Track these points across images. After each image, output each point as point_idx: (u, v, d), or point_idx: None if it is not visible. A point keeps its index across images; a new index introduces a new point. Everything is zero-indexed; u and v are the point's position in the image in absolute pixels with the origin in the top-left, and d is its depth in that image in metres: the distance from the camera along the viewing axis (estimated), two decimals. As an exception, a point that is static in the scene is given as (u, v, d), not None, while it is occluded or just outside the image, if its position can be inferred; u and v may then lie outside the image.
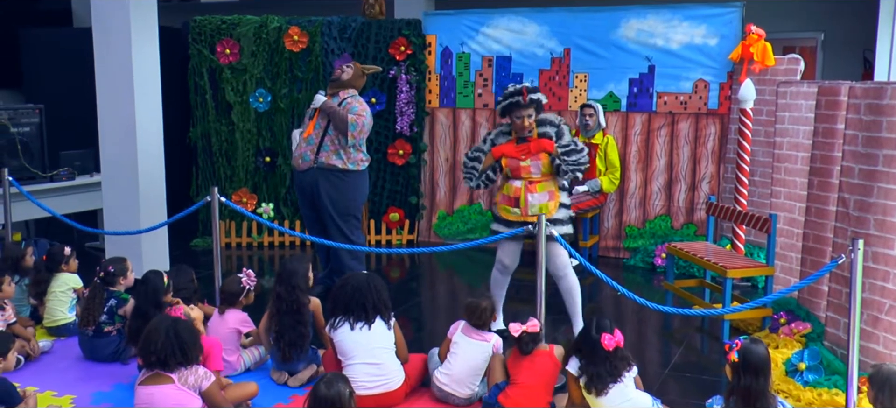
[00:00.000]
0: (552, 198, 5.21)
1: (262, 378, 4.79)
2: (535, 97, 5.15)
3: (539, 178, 5.20)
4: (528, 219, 5.14)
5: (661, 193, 7.79)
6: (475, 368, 4.40)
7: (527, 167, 5.19)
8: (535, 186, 5.19)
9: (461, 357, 4.41)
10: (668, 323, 6.00)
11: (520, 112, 5.12)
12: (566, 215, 5.30)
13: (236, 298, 4.97)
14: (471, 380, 4.39)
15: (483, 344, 4.42)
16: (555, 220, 5.19)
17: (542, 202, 5.18)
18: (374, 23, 8.35)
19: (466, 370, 4.39)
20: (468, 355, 4.41)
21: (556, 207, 5.22)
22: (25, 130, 7.29)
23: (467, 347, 4.43)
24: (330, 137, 6.14)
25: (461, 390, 4.39)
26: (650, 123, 7.75)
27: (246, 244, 8.45)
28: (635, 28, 7.71)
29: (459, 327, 4.52)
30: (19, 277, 5.73)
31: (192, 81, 8.44)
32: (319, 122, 6.17)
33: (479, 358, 4.40)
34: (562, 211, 5.26)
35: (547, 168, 5.18)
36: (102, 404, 4.55)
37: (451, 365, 4.43)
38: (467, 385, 4.39)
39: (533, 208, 5.17)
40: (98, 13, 6.64)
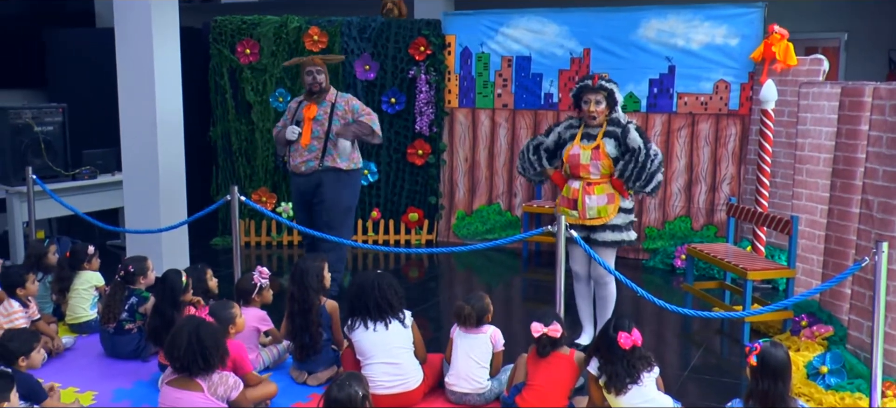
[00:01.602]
0: (611, 201, 4.99)
1: (282, 377, 4.81)
2: (607, 86, 4.98)
3: (598, 179, 4.99)
4: (586, 222, 5.00)
5: (681, 194, 7.75)
6: (474, 359, 4.41)
7: (586, 166, 4.99)
8: (594, 188, 4.98)
9: (462, 354, 4.44)
10: (687, 325, 5.97)
11: (588, 95, 4.96)
12: (626, 220, 5.06)
13: (249, 295, 4.98)
14: (474, 373, 4.40)
15: (479, 336, 4.45)
16: (613, 225, 5.02)
17: (601, 205, 4.98)
18: (394, 23, 8.36)
19: (469, 364, 4.41)
20: (466, 349, 4.43)
21: (614, 211, 5.00)
22: (49, 129, 7.35)
23: (464, 342, 4.45)
24: (332, 142, 6.18)
25: (467, 385, 4.41)
26: (670, 124, 7.71)
27: (265, 243, 8.48)
28: (656, 28, 7.67)
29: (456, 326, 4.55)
30: (42, 275, 5.78)
31: (213, 81, 8.48)
32: (317, 129, 6.19)
33: (476, 350, 4.42)
34: (621, 216, 5.03)
35: (607, 169, 4.97)
36: (123, 400, 4.58)
37: (455, 364, 4.46)
38: (472, 379, 4.40)
39: (591, 212, 4.99)
40: (120, 14, 6.69)
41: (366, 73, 8.31)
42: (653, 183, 4.91)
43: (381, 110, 8.31)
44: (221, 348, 3.97)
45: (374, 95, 8.36)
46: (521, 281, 7.46)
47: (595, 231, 5.03)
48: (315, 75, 6.22)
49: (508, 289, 7.23)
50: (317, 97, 6.25)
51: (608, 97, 4.98)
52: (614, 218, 5.01)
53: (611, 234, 5.01)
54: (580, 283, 5.37)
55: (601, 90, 4.96)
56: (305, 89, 6.30)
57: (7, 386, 3.68)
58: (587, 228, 5.02)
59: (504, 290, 7.17)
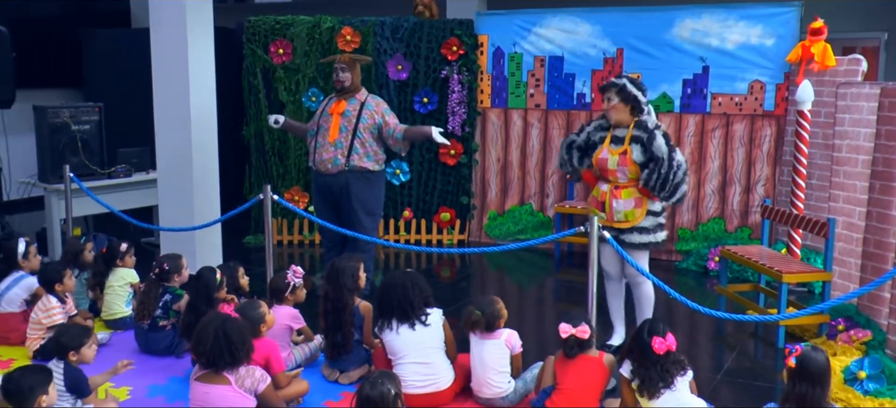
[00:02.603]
0: (639, 205, 4.95)
1: (314, 375, 4.83)
2: (617, 82, 4.91)
3: (625, 183, 4.97)
4: (614, 224, 4.98)
5: (715, 195, 7.68)
6: (491, 365, 4.37)
7: (613, 171, 4.97)
8: (621, 192, 4.96)
9: (478, 359, 4.42)
10: (721, 328, 5.92)
11: (602, 95, 4.97)
12: (654, 223, 5.00)
13: (283, 294, 5.01)
14: (491, 378, 4.37)
15: (493, 341, 4.40)
16: (641, 228, 4.97)
17: (628, 209, 4.95)
18: (426, 23, 8.37)
19: (485, 369, 4.38)
20: (481, 354, 4.40)
21: (642, 215, 4.95)
22: (85, 127, 7.44)
23: (478, 347, 4.42)
24: (360, 140, 6.18)
25: (487, 390, 4.39)
26: (704, 125, 7.64)
27: (297, 242, 8.53)
28: (690, 28, 7.61)
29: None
30: (79, 271, 5.85)
31: (246, 81, 8.54)
32: (345, 125, 6.20)
33: (493, 356, 4.38)
34: (649, 218, 4.97)
35: (634, 174, 4.92)
36: (157, 396, 4.62)
37: (473, 370, 4.45)
38: (489, 385, 4.38)
39: (618, 215, 4.96)
40: (156, 14, 6.75)
41: (398, 73, 8.32)
42: (677, 194, 4.87)
43: (414, 110, 8.33)
44: (247, 342, 4.01)
45: (407, 95, 8.37)
46: (553, 282, 7.43)
47: (623, 233, 4.99)
48: (339, 72, 6.25)
49: (540, 290, 7.21)
50: (345, 95, 6.27)
51: (620, 93, 4.90)
52: (642, 221, 4.96)
53: (638, 236, 4.97)
54: (611, 282, 5.35)
55: (611, 87, 4.92)
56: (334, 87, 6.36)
57: (45, 380, 3.74)
58: (616, 230, 4.98)
59: (536, 291, 7.15)
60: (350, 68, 6.26)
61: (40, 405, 3.68)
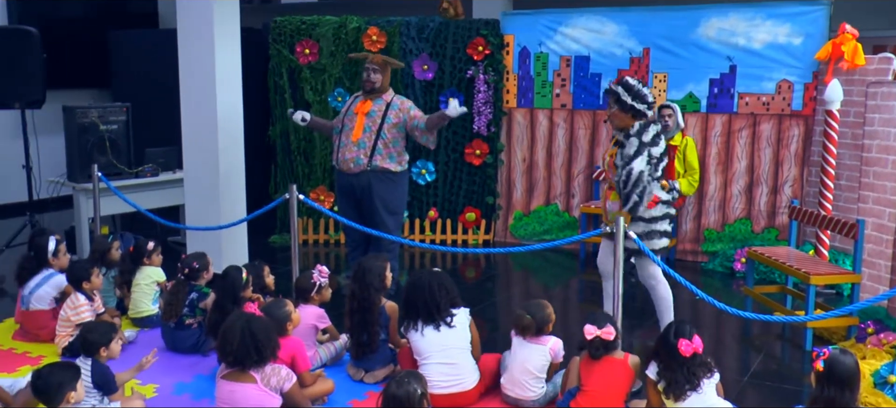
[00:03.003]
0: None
1: (339, 373, 4.84)
2: (616, 90, 4.94)
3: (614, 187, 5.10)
4: (609, 224, 5.01)
5: (742, 196, 7.62)
6: (530, 370, 4.36)
7: (607, 172, 5.12)
8: (611, 194, 5.11)
9: (517, 361, 4.40)
10: (747, 329, 5.87)
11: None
12: (646, 229, 5.00)
13: (308, 293, 5.03)
14: (529, 381, 4.36)
15: (538, 347, 4.39)
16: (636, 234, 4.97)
17: (615, 211, 5.04)
18: (452, 23, 8.37)
19: (523, 372, 4.37)
20: (523, 357, 4.39)
21: (628, 219, 4.95)
22: (113, 127, 7.50)
23: (521, 349, 4.41)
24: (383, 141, 6.18)
25: (522, 392, 4.38)
26: (731, 125, 7.59)
27: (323, 241, 8.55)
28: (716, 27, 7.55)
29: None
30: (106, 270, 5.89)
31: (272, 81, 8.58)
32: (369, 125, 6.21)
33: (533, 360, 4.37)
34: (641, 224, 4.99)
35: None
36: (183, 394, 4.66)
37: (510, 369, 4.44)
38: (524, 387, 4.37)
39: (611, 216, 5.05)
40: (183, 15, 6.80)
41: (424, 73, 8.33)
42: (628, 203, 4.90)
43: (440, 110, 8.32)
44: (273, 341, 4.03)
45: (432, 95, 8.38)
46: (578, 282, 7.41)
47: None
48: (370, 73, 6.26)
49: (565, 290, 7.19)
50: (372, 95, 6.29)
51: (617, 101, 4.93)
52: (631, 226, 4.91)
53: (628, 241, 4.90)
54: (606, 282, 5.40)
55: (610, 95, 4.98)
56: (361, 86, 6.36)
57: (74, 377, 3.78)
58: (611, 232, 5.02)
59: (561, 291, 7.13)
60: (382, 70, 6.28)
61: (68, 402, 3.73)
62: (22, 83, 7.49)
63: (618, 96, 4.93)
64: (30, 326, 5.50)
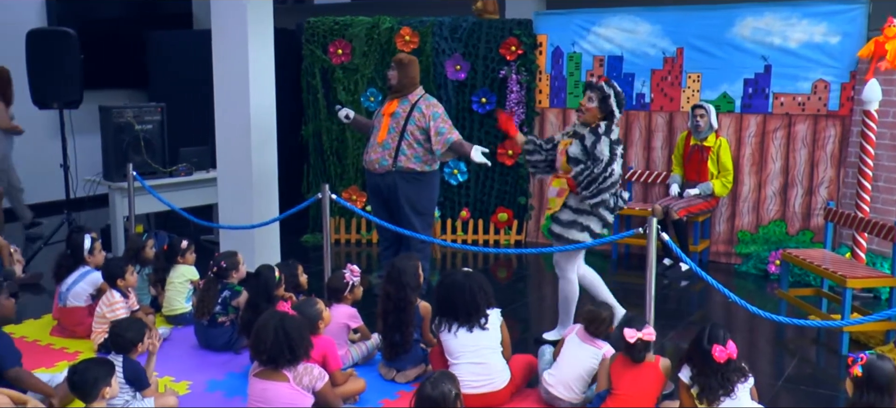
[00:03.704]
0: (560, 195, 5.24)
1: (371, 373, 4.86)
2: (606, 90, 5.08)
3: (559, 173, 5.29)
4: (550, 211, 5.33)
5: (776, 197, 7.53)
6: (583, 373, 4.33)
7: (557, 159, 5.29)
8: (553, 180, 5.32)
9: (570, 361, 4.37)
10: (781, 333, 5.80)
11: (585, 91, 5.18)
12: (570, 218, 5.17)
13: (341, 293, 5.05)
14: (577, 384, 4.33)
15: (594, 350, 4.35)
16: (557, 219, 5.23)
17: (552, 196, 5.30)
18: (485, 23, 8.36)
19: (574, 375, 4.34)
20: (578, 359, 4.35)
21: (559, 205, 5.24)
22: (148, 127, 7.57)
23: (578, 351, 4.37)
24: (407, 142, 6.16)
25: (566, 393, 4.34)
26: (765, 125, 7.50)
27: (355, 241, 8.58)
28: (751, 26, 7.47)
29: (575, 329, 4.47)
30: (140, 267, 5.96)
31: (305, 81, 8.63)
32: (393, 126, 6.20)
33: (588, 364, 4.33)
34: (566, 212, 5.19)
35: (564, 166, 5.20)
36: (216, 391, 4.70)
37: (559, 367, 4.40)
38: (573, 390, 4.34)
39: (548, 201, 5.37)
40: (217, 16, 6.85)
41: (457, 73, 8.33)
42: (598, 197, 5.05)
43: (472, 110, 8.33)
44: (306, 340, 4.05)
45: (465, 95, 8.38)
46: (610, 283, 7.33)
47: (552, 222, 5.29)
48: (388, 70, 6.31)
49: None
50: (398, 95, 6.27)
51: (601, 100, 5.08)
52: (559, 212, 5.22)
53: (555, 226, 5.24)
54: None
55: (596, 89, 5.11)
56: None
57: (109, 372, 3.83)
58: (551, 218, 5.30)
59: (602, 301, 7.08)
60: (398, 67, 6.25)
61: (103, 397, 3.78)
62: (60, 84, 7.59)
63: (606, 97, 5.08)
64: (67, 322, 5.58)
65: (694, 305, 6.60)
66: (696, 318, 6.12)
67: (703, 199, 7.34)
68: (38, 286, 6.91)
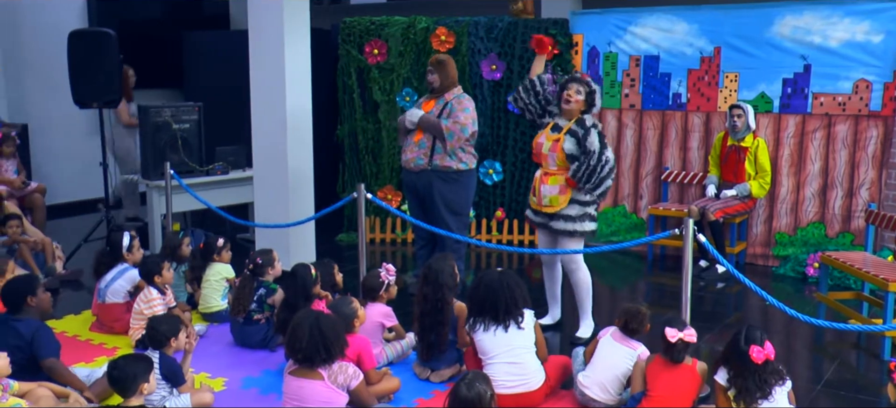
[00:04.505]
0: (563, 192, 5.27)
1: (405, 372, 4.86)
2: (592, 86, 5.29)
3: (554, 170, 5.29)
4: (542, 209, 5.36)
5: (815, 198, 7.43)
6: (618, 375, 4.31)
7: (545, 156, 5.31)
8: (549, 178, 5.31)
9: (605, 362, 4.34)
10: (819, 337, 5.72)
11: (572, 85, 5.30)
12: (580, 212, 5.28)
13: (376, 292, 5.06)
14: (612, 386, 4.31)
15: (629, 351, 4.33)
16: (566, 215, 5.28)
17: (553, 195, 5.29)
18: (521, 22, 8.33)
19: (609, 376, 4.31)
20: (613, 360, 4.33)
21: (566, 202, 5.27)
22: (185, 126, 7.64)
23: (613, 352, 4.35)
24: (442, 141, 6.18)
25: (602, 395, 4.32)
26: (804, 125, 7.40)
27: (390, 240, 8.60)
28: (791, 25, 7.37)
29: (609, 331, 4.45)
30: (177, 265, 6.02)
31: (341, 81, 8.66)
32: None
33: (623, 365, 4.31)
34: (574, 207, 5.27)
35: (561, 163, 5.24)
36: (251, 388, 4.73)
37: (594, 368, 4.37)
38: (608, 391, 4.31)
39: (545, 200, 5.33)
40: (254, 16, 6.90)
41: (492, 72, 8.31)
42: (601, 187, 5.21)
43: (507, 110, 8.31)
44: (342, 338, 4.06)
45: (500, 95, 8.36)
46: (645, 285, 7.32)
47: (552, 219, 5.35)
48: (428, 74, 6.32)
49: (632, 293, 7.10)
50: (435, 94, 6.30)
51: (588, 95, 5.28)
52: (566, 208, 5.28)
53: (563, 223, 5.29)
54: (546, 267, 5.77)
55: (583, 85, 5.29)
56: None
57: (147, 368, 3.87)
58: (545, 216, 5.39)
59: (628, 293, 7.05)
60: (437, 70, 6.27)
61: (142, 393, 3.82)
62: (100, 83, 7.68)
63: (592, 92, 5.30)
64: (105, 318, 5.66)
65: (730, 307, 6.53)
66: (732, 320, 6.05)
67: (740, 200, 7.26)
68: (78, 282, 7.01)
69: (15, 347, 4.19)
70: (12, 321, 4.46)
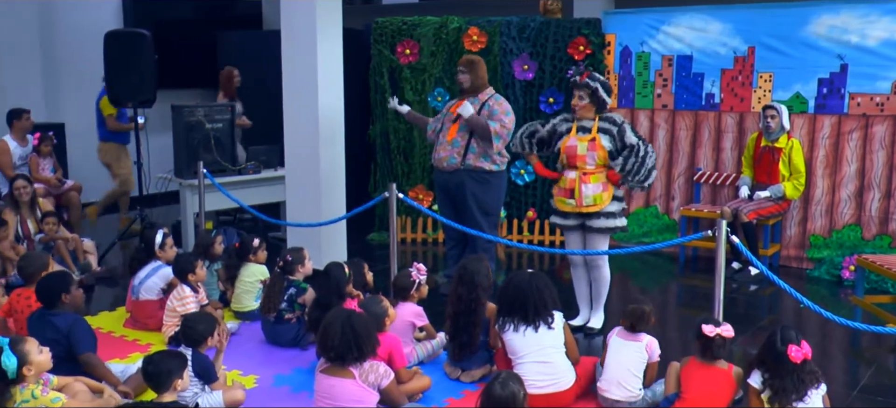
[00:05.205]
0: (605, 189, 5.32)
1: (436, 371, 4.86)
2: (591, 84, 5.30)
3: (593, 169, 5.31)
4: (583, 210, 5.35)
5: (851, 200, 7.32)
6: (628, 369, 4.32)
7: (583, 157, 5.31)
8: (590, 177, 5.31)
9: (617, 361, 4.36)
10: (855, 341, 5.64)
11: (574, 91, 5.34)
12: (619, 208, 5.39)
13: (407, 291, 5.06)
14: (625, 381, 4.31)
15: (636, 344, 4.37)
16: (607, 213, 5.34)
17: (596, 193, 5.31)
18: (553, 22, 8.30)
19: (623, 372, 4.32)
20: (623, 357, 4.35)
21: (609, 199, 5.33)
22: (218, 125, 7.69)
23: (622, 349, 4.37)
24: (476, 140, 6.17)
25: (621, 392, 4.32)
26: (840, 126, 7.30)
27: (421, 240, 8.61)
28: (827, 24, 7.27)
29: (616, 331, 4.47)
30: (209, 263, 6.06)
31: (373, 81, 8.69)
32: (463, 125, 6.20)
33: (631, 359, 4.34)
34: (615, 204, 5.36)
35: (602, 160, 5.28)
36: (282, 386, 4.75)
37: (608, 370, 4.39)
38: (622, 386, 4.31)
39: (587, 199, 5.32)
40: (287, 16, 6.94)
41: (524, 72, 8.29)
42: (650, 178, 5.27)
43: (539, 110, 8.28)
44: (373, 337, 4.07)
45: (533, 95, 8.34)
46: (676, 286, 7.26)
47: (590, 218, 5.38)
48: (458, 74, 6.31)
49: (664, 294, 7.06)
50: (467, 95, 6.30)
51: (591, 96, 5.32)
52: (608, 205, 5.33)
53: (605, 220, 5.35)
54: (577, 268, 5.74)
55: (584, 88, 5.32)
56: None
57: (181, 365, 3.91)
58: (582, 216, 5.41)
59: (660, 295, 7.00)
60: (468, 70, 6.27)
61: (175, 389, 3.86)
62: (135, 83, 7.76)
63: (594, 91, 5.31)
64: (139, 315, 5.71)
65: (764, 310, 6.46)
66: (765, 323, 5.99)
67: (773, 201, 7.18)
68: (112, 279, 7.09)
69: (52, 340, 4.25)
70: (49, 316, 4.53)
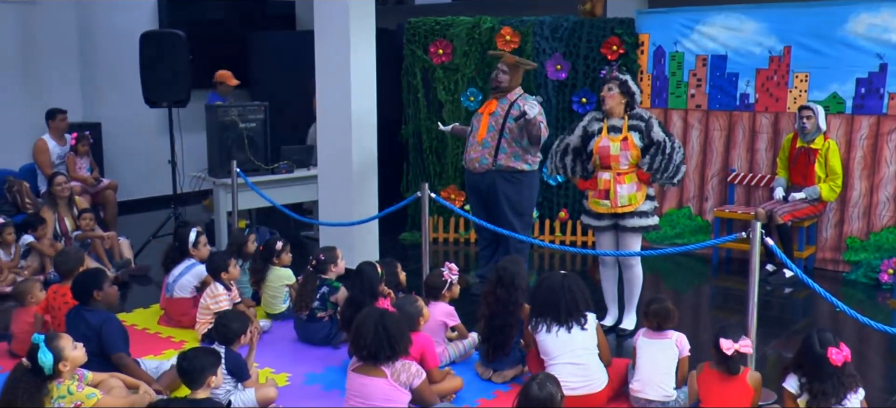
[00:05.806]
0: (639, 188, 5.32)
1: (468, 371, 4.86)
2: (621, 76, 5.34)
3: (627, 169, 5.30)
4: (618, 210, 5.34)
5: (890, 203, 7.21)
6: (662, 367, 4.30)
7: (616, 157, 5.28)
8: (624, 177, 5.30)
9: (648, 361, 4.33)
10: (894, 346, 5.55)
11: (604, 85, 5.37)
12: (651, 207, 5.40)
13: (439, 291, 5.07)
14: (661, 380, 4.28)
15: (665, 342, 4.35)
16: (641, 212, 5.34)
17: (632, 192, 5.30)
18: (587, 22, 8.27)
19: (657, 373, 4.30)
20: (651, 355, 4.33)
21: (643, 198, 5.33)
22: (252, 125, 7.74)
23: (651, 349, 4.35)
24: (506, 140, 6.15)
25: (657, 392, 4.28)
26: (879, 127, 7.19)
27: (453, 240, 8.60)
28: (866, 23, 7.16)
29: (642, 332, 4.44)
30: (242, 261, 6.09)
31: (406, 81, 8.70)
32: (493, 125, 6.18)
33: (662, 356, 4.31)
34: (647, 203, 5.37)
35: (635, 159, 5.27)
36: (315, 384, 4.78)
37: (640, 371, 4.35)
38: (658, 386, 4.28)
39: (622, 200, 5.31)
40: (320, 17, 6.97)
41: (557, 72, 8.27)
42: (679, 174, 5.25)
43: (572, 110, 8.25)
44: (406, 336, 4.08)
45: (565, 95, 8.31)
46: (710, 288, 7.20)
47: (623, 218, 5.36)
48: (499, 73, 6.28)
49: (697, 296, 7.00)
50: (498, 94, 6.28)
51: (621, 86, 5.32)
52: (641, 205, 5.33)
53: (638, 220, 5.34)
54: (607, 268, 5.73)
55: (614, 80, 5.35)
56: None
57: (215, 362, 3.95)
58: (616, 216, 5.38)
59: (693, 296, 6.94)
60: (511, 70, 6.26)
61: (209, 385, 3.89)
62: (169, 83, 7.84)
63: (624, 82, 5.33)
64: (173, 312, 5.77)
65: (798, 313, 6.39)
66: (800, 327, 5.92)
67: (809, 203, 7.09)
68: (146, 277, 7.16)
69: (85, 336, 4.31)
70: (84, 312, 4.59)
